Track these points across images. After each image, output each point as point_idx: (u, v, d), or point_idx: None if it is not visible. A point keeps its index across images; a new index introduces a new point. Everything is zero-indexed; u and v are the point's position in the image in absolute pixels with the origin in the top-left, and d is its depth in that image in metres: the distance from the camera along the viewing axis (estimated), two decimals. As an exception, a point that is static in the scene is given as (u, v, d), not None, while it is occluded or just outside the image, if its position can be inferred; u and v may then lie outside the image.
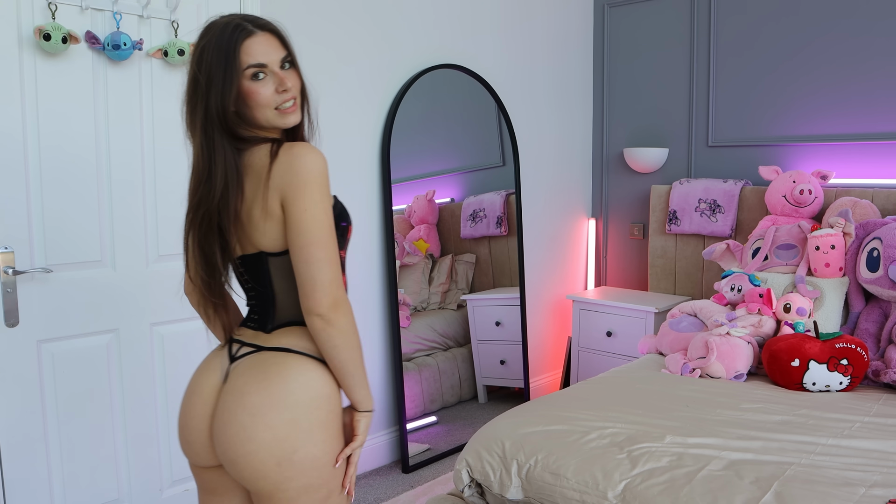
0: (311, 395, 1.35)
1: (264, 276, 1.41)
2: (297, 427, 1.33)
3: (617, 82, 3.97)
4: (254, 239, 1.38)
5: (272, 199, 1.33)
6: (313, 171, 1.32)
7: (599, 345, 3.60)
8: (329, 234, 1.32)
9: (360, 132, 2.97)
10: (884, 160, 3.10)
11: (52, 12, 2.06)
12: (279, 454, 1.32)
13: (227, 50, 1.32)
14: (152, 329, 2.39)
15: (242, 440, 1.32)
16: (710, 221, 3.44)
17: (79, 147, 2.19)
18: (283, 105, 1.38)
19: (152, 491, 2.42)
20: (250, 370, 1.38)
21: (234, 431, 1.33)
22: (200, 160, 1.37)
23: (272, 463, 1.32)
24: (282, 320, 1.43)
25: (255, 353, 1.41)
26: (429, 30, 3.19)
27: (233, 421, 1.34)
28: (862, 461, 1.85)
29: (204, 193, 1.36)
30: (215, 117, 1.33)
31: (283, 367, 1.36)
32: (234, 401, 1.35)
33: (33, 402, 2.15)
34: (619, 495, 1.75)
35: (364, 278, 3.03)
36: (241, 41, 1.33)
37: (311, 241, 1.31)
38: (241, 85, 1.34)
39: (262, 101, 1.36)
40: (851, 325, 2.79)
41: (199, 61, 1.34)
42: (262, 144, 1.37)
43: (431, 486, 2.91)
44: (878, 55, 3.08)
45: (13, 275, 2.06)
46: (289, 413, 1.33)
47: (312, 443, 1.34)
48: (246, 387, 1.35)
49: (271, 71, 1.36)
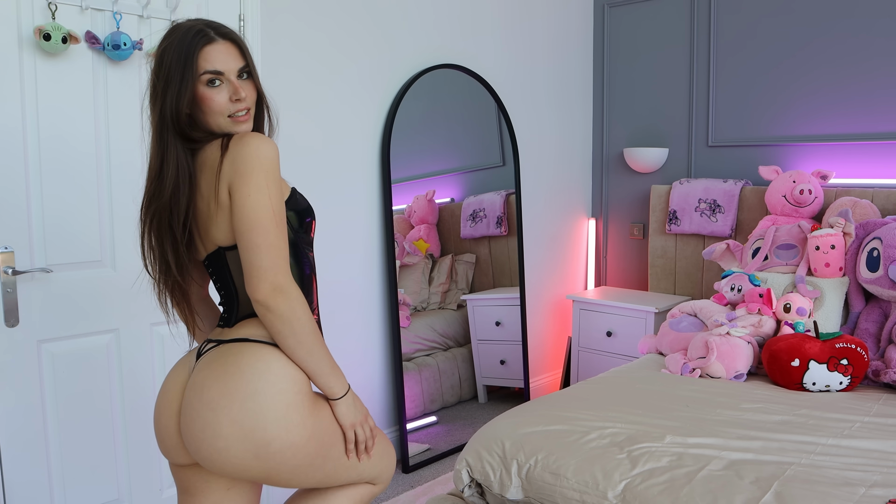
0: (272, 381, 1.34)
1: (224, 271, 1.42)
2: (263, 417, 1.31)
3: (617, 82, 3.97)
4: (211, 235, 1.40)
5: (222, 190, 1.35)
6: (259, 157, 1.32)
7: (599, 345, 3.60)
8: (272, 220, 1.32)
9: (361, 132, 2.97)
10: (884, 160, 3.10)
11: (52, 12, 2.06)
12: (253, 447, 1.31)
13: (186, 54, 1.35)
14: (152, 329, 2.39)
15: (209, 437, 1.31)
16: (710, 221, 3.44)
17: (79, 147, 2.19)
18: (236, 114, 1.40)
19: (152, 491, 2.42)
20: (209, 365, 1.38)
21: (198, 428, 1.33)
22: (154, 159, 1.40)
23: (249, 457, 1.31)
24: (244, 313, 1.44)
25: (215, 348, 1.41)
26: (429, 30, 3.19)
27: (196, 418, 1.33)
28: (862, 461, 1.85)
29: (155, 191, 1.38)
30: (168, 119, 1.36)
31: (239, 356, 1.36)
32: (195, 397, 1.35)
33: (33, 402, 2.15)
34: (619, 495, 1.75)
35: (364, 278, 3.03)
36: (201, 47, 1.36)
37: (252, 227, 1.31)
38: (196, 89, 1.37)
39: (216, 107, 1.38)
40: (851, 325, 2.79)
41: (160, 63, 1.37)
42: (214, 141, 1.40)
43: (431, 486, 2.91)
44: (878, 55, 3.08)
45: (13, 275, 2.06)
46: (251, 403, 1.31)
47: (286, 430, 1.32)
48: (205, 381, 1.35)
49: (227, 79, 1.39)
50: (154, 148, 1.40)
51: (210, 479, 1.47)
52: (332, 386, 1.41)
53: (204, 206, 1.39)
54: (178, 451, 1.44)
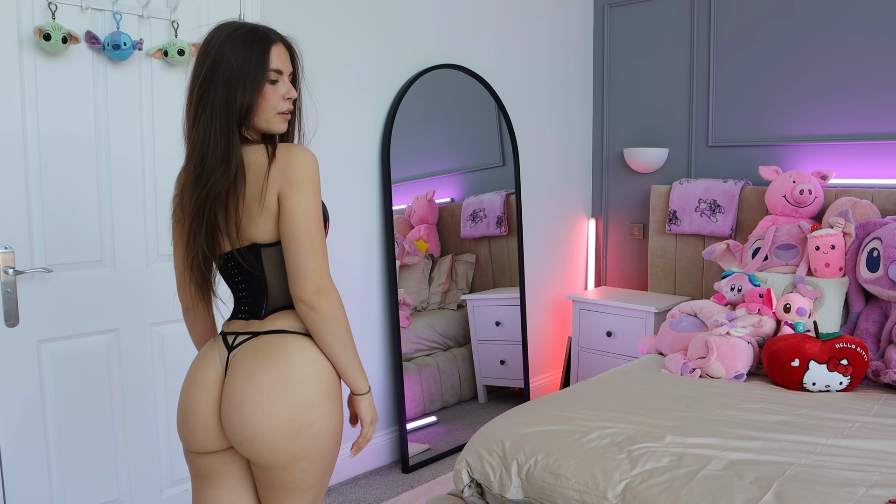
0: (316, 369, 1.46)
1: (257, 266, 1.49)
2: (308, 401, 1.43)
3: (617, 82, 3.97)
4: (248, 232, 1.47)
5: (270, 194, 1.43)
6: (308, 169, 1.43)
7: (599, 345, 3.60)
8: (317, 227, 1.44)
9: (361, 132, 2.97)
10: (884, 160, 3.10)
11: (52, 12, 2.06)
12: (296, 427, 1.42)
13: (258, 51, 1.44)
14: (152, 329, 2.39)
15: (259, 417, 1.41)
16: (710, 221, 3.44)
17: (79, 147, 2.19)
18: (284, 111, 1.49)
19: (152, 491, 2.42)
20: (253, 353, 1.47)
21: (248, 410, 1.41)
22: (208, 147, 1.42)
23: (291, 435, 1.42)
24: (275, 305, 1.52)
25: (254, 339, 1.50)
26: (429, 30, 3.19)
27: (245, 401, 1.42)
28: (862, 461, 1.85)
29: (218, 178, 1.42)
30: (236, 110, 1.43)
31: (285, 346, 1.46)
32: (245, 383, 1.43)
33: (33, 402, 2.15)
34: (619, 495, 1.75)
35: (364, 278, 3.03)
36: (271, 46, 1.46)
37: (302, 233, 1.42)
38: (264, 86, 1.45)
39: (271, 103, 1.47)
40: (851, 325, 2.79)
41: (222, 51, 1.42)
42: (255, 145, 1.48)
43: (431, 486, 2.91)
44: (878, 55, 3.08)
45: (13, 275, 2.06)
46: (299, 388, 1.43)
47: (325, 415, 1.46)
48: (253, 369, 1.44)
49: (283, 79, 1.49)
50: (211, 136, 1.42)
51: (232, 463, 1.54)
52: (360, 381, 1.53)
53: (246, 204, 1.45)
54: (210, 439, 1.50)
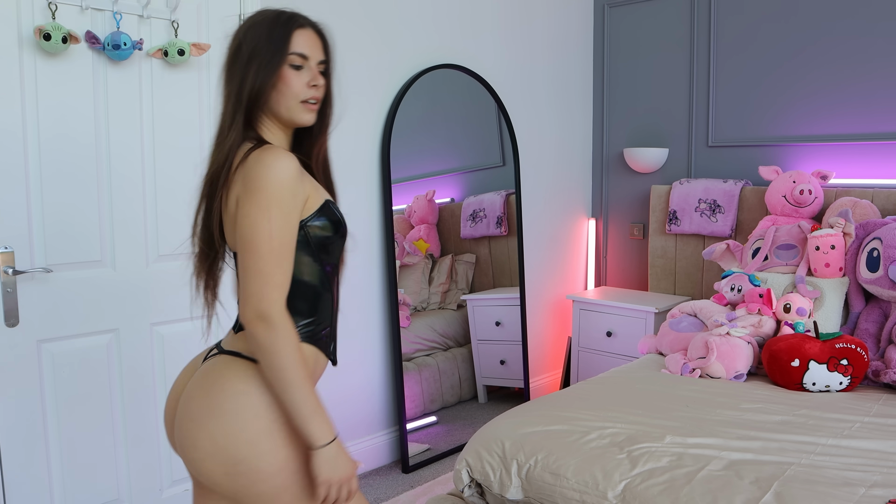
0: (252, 402, 1.29)
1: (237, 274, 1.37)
2: (236, 438, 1.28)
3: (617, 82, 3.97)
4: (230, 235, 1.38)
5: (231, 199, 1.33)
6: (268, 177, 1.26)
7: (599, 345, 3.60)
8: (266, 244, 1.25)
9: (360, 132, 2.97)
10: (884, 160, 3.10)
11: (52, 12, 2.06)
12: (223, 464, 1.28)
13: (280, 33, 1.35)
14: (152, 329, 2.39)
15: (188, 447, 1.32)
16: (710, 221, 3.44)
17: (79, 147, 2.19)
18: (308, 100, 1.38)
19: (152, 491, 2.42)
20: (201, 375, 1.37)
21: (182, 436, 1.33)
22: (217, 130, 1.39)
23: (220, 472, 1.29)
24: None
25: (215, 357, 1.40)
26: (429, 30, 3.19)
27: (181, 426, 1.34)
28: (862, 461, 1.85)
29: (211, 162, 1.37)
30: (246, 95, 1.34)
31: (225, 372, 1.33)
32: (183, 405, 1.35)
33: (33, 402, 2.15)
34: (619, 495, 1.75)
35: (364, 278, 3.03)
36: (295, 28, 1.36)
37: (245, 248, 1.26)
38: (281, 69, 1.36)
39: (293, 89, 1.36)
40: (851, 325, 2.79)
41: (245, 35, 1.36)
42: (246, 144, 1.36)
43: (431, 486, 2.91)
44: (877, 56, 3.08)
45: (13, 275, 2.06)
46: (227, 421, 1.28)
47: (256, 455, 1.28)
48: (192, 392, 1.35)
49: (309, 66, 1.38)
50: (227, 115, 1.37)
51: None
52: (311, 432, 1.28)
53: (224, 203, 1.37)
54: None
